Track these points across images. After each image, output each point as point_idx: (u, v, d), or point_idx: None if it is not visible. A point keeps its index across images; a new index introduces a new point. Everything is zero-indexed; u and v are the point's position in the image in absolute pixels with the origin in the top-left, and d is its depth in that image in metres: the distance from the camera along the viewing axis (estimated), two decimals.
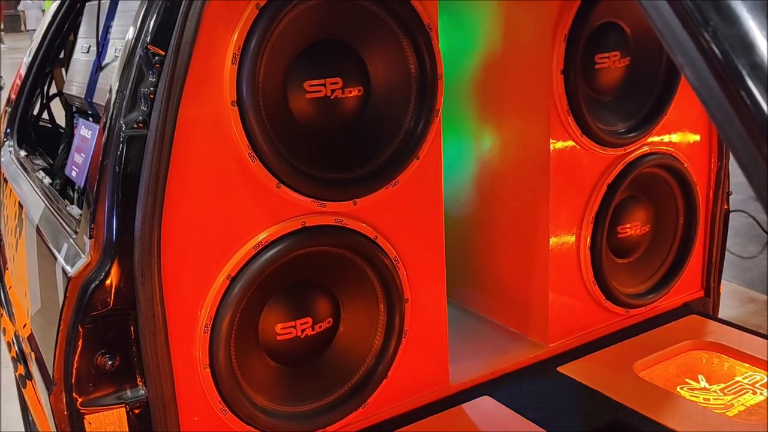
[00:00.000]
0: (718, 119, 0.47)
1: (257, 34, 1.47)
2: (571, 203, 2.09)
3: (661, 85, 2.15)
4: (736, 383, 1.99)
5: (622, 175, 2.13)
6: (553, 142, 2.01)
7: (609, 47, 2.06)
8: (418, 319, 1.83)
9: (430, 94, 1.71)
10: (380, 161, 1.70)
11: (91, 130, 1.81)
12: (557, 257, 2.10)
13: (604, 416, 1.83)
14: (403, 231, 1.78)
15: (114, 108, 1.44)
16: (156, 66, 1.40)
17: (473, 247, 2.34)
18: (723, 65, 0.46)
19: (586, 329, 2.19)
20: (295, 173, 1.57)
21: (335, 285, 1.74)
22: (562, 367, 2.05)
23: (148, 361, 1.45)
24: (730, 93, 0.46)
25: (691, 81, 0.49)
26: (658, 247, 2.33)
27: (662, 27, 0.50)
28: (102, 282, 1.41)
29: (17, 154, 2.40)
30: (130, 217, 1.41)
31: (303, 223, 1.62)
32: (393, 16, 1.64)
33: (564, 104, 1.97)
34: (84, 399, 1.43)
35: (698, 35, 0.47)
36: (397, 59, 1.68)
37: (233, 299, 1.54)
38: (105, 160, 1.43)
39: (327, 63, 1.61)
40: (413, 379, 1.86)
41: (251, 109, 1.49)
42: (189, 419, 1.55)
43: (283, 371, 1.71)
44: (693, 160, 2.29)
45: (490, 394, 1.93)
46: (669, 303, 2.37)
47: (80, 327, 1.41)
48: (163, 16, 1.41)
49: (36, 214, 1.92)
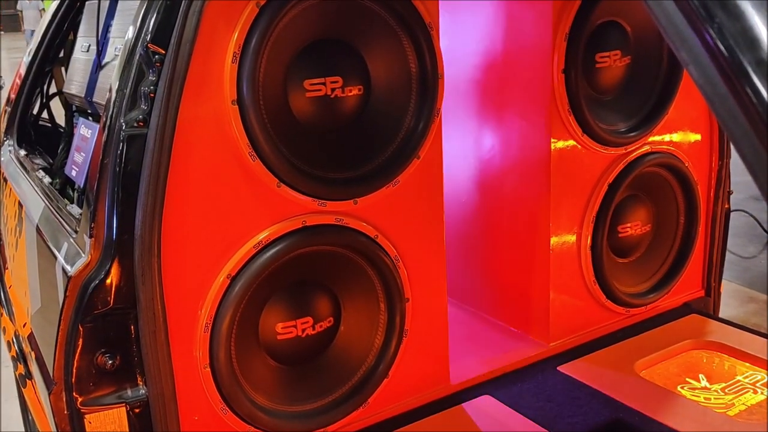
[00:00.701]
0: (723, 116, 0.47)
1: (257, 32, 1.46)
2: (571, 202, 2.09)
3: (661, 85, 2.15)
4: (736, 382, 1.99)
5: (623, 174, 2.13)
6: (554, 142, 2.00)
7: (610, 46, 2.06)
8: (418, 319, 1.83)
9: (430, 94, 1.70)
10: (381, 160, 1.70)
11: (91, 129, 1.81)
12: (558, 256, 2.09)
13: (605, 415, 1.82)
14: (404, 230, 1.77)
15: (114, 107, 1.44)
16: (156, 65, 1.40)
17: (474, 247, 2.33)
18: (728, 61, 0.45)
19: (587, 328, 2.19)
20: (296, 172, 1.57)
21: (336, 284, 1.73)
22: (562, 367, 2.05)
23: (149, 360, 1.45)
24: (735, 89, 0.46)
25: (696, 77, 0.48)
26: (658, 247, 2.32)
27: (666, 23, 0.49)
28: (102, 281, 1.41)
29: (17, 154, 2.40)
30: (131, 216, 1.40)
31: (303, 222, 1.62)
32: (394, 14, 1.64)
33: (565, 103, 1.97)
34: (84, 398, 1.43)
35: (703, 31, 0.47)
36: (398, 58, 1.68)
37: (234, 298, 1.54)
38: (105, 159, 1.43)
39: (327, 62, 1.60)
40: (414, 379, 1.86)
41: (251, 108, 1.49)
42: (189, 418, 1.55)
43: (283, 371, 1.70)
44: (694, 160, 2.29)
45: (491, 393, 1.93)
46: (670, 302, 2.36)
47: (80, 326, 1.41)
48: (164, 15, 1.41)
49: (36, 213, 1.91)
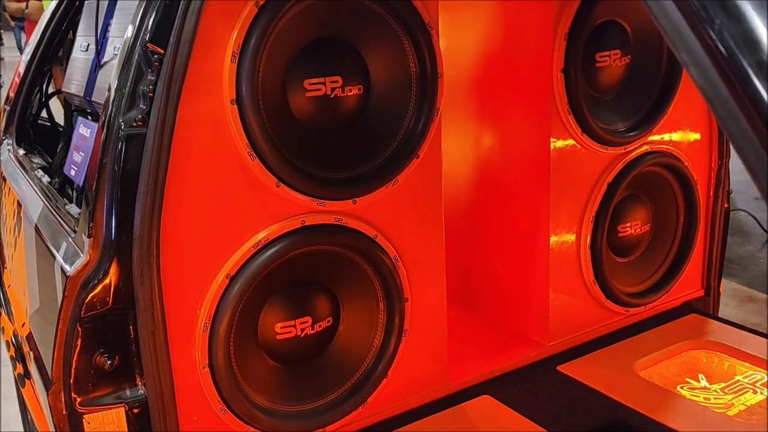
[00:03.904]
0: (723, 118, 0.47)
1: (257, 32, 1.46)
2: (571, 202, 2.08)
3: (661, 84, 2.15)
4: (736, 382, 1.99)
5: (623, 174, 2.13)
6: (554, 141, 2.00)
7: (609, 46, 2.05)
8: (418, 318, 1.83)
9: (430, 93, 1.70)
10: (380, 160, 1.69)
11: (90, 128, 1.80)
12: (557, 256, 2.09)
13: (604, 415, 1.82)
14: (403, 230, 1.77)
15: (113, 106, 1.44)
16: (155, 64, 1.39)
17: (473, 246, 2.33)
18: (729, 63, 0.45)
19: (586, 328, 2.19)
20: (295, 172, 1.57)
21: (335, 284, 1.73)
22: (562, 366, 2.05)
23: (147, 360, 1.45)
24: (736, 91, 0.46)
25: (696, 79, 0.48)
26: (658, 246, 2.32)
27: (666, 25, 0.49)
28: (101, 281, 1.40)
29: (16, 153, 2.39)
30: (129, 216, 1.40)
31: (302, 222, 1.61)
32: (393, 14, 1.64)
33: (564, 103, 1.97)
34: (83, 398, 1.43)
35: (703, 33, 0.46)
36: (398, 58, 1.68)
37: (233, 298, 1.54)
38: (104, 159, 1.42)
39: (327, 61, 1.60)
40: (413, 379, 1.86)
41: (251, 107, 1.48)
42: (188, 419, 1.55)
43: (282, 370, 1.70)
44: (693, 159, 2.28)
45: (490, 393, 1.93)
46: (669, 302, 2.36)
47: (79, 326, 1.40)
48: (162, 14, 1.41)
49: (35, 212, 1.91)
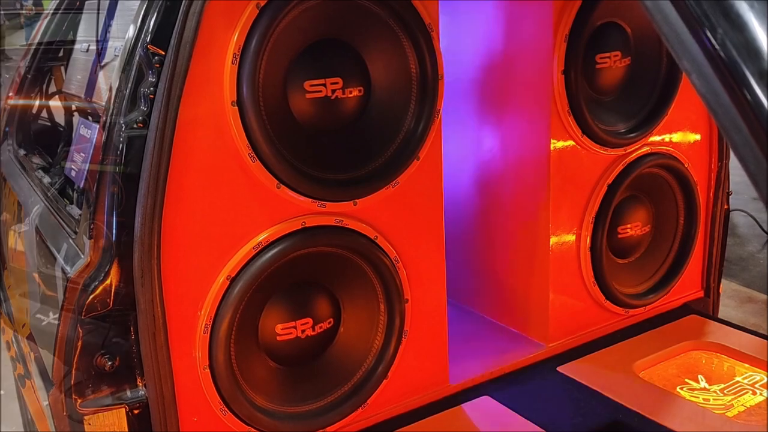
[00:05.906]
0: (726, 126, 0.47)
1: (258, 33, 1.46)
2: (571, 203, 2.09)
3: (661, 86, 2.15)
4: (735, 383, 1.99)
5: (623, 175, 2.13)
6: (554, 142, 2.00)
7: (610, 47, 2.05)
8: (418, 319, 1.83)
9: (430, 95, 1.70)
10: (380, 161, 1.70)
11: (91, 129, 1.80)
12: (557, 257, 2.09)
13: (604, 416, 1.82)
14: (403, 231, 1.77)
15: (114, 107, 1.44)
16: (156, 66, 1.40)
17: (473, 247, 2.33)
18: (731, 71, 0.45)
19: (586, 329, 2.19)
20: (295, 173, 1.57)
21: (335, 285, 1.73)
22: (562, 367, 2.05)
23: (148, 361, 1.45)
24: (738, 100, 0.46)
25: (698, 87, 0.48)
26: (658, 247, 2.32)
27: (669, 32, 0.49)
28: (101, 282, 1.41)
29: (16, 153, 2.40)
30: (130, 218, 1.40)
31: (303, 223, 1.61)
32: (394, 15, 1.64)
33: (564, 104, 1.97)
34: (83, 400, 1.43)
35: (706, 41, 0.47)
36: (398, 59, 1.68)
37: (233, 300, 1.54)
38: (105, 160, 1.42)
39: (327, 63, 1.60)
40: (413, 379, 1.86)
41: (251, 109, 1.48)
42: (189, 420, 1.55)
43: (283, 372, 1.70)
44: (693, 160, 2.29)
45: (490, 394, 1.93)
46: (669, 303, 2.37)
47: (80, 327, 1.41)
48: (163, 16, 1.41)
49: (35, 213, 1.91)
